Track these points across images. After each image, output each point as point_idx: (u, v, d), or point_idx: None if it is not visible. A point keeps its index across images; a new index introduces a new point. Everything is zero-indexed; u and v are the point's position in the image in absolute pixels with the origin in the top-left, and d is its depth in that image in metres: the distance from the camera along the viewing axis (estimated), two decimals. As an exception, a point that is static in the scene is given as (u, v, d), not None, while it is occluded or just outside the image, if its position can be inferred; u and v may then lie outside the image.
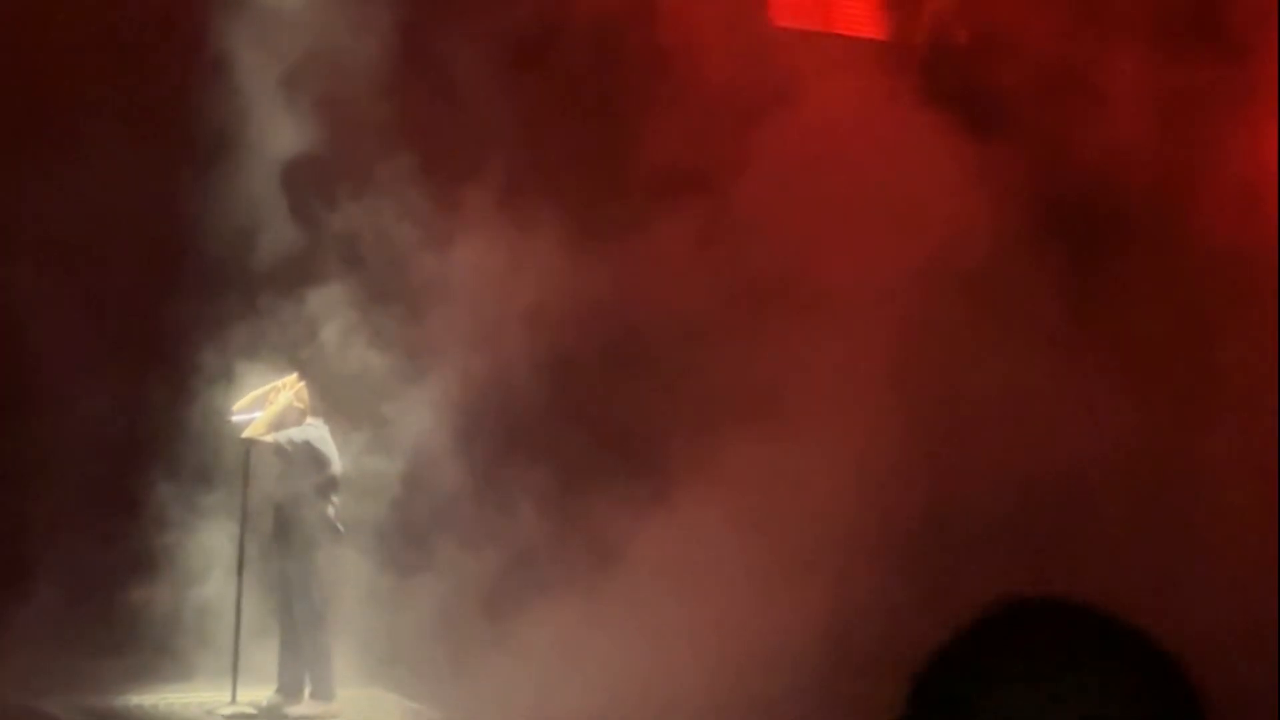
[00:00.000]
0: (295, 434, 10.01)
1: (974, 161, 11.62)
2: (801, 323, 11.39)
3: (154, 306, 11.14)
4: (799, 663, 10.21)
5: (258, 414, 10.03)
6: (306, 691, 10.14)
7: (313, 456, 10.03)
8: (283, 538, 10.04)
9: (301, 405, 10.10)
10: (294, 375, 10.20)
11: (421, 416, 11.08)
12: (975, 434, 11.24)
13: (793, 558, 10.83)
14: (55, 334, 10.85)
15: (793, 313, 11.47)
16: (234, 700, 10.19)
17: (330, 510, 10.10)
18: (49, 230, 11.00)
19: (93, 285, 11.11)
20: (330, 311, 10.97)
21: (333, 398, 10.57)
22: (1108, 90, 12.11)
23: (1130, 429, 11.32)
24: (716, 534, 10.95)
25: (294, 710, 10.11)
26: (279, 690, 10.14)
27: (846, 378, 11.29)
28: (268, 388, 10.16)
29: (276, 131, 10.98)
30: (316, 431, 10.11)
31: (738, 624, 10.64)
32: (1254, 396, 11.31)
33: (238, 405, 10.21)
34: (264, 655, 10.26)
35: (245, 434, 10.03)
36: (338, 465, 10.16)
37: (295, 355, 10.66)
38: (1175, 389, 11.59)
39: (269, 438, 10.01)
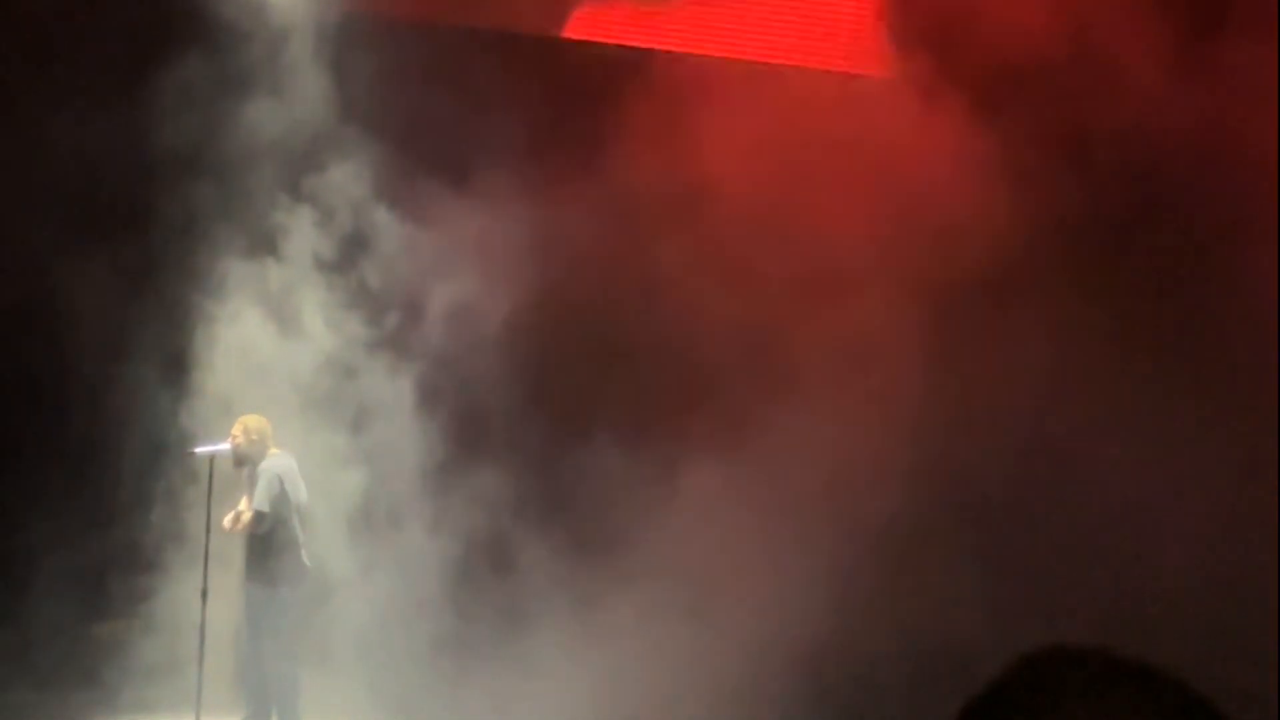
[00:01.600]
0: (269, 485, 9.69)
1: (990, 147, 11.24)
2: (809, 318, 11.10)
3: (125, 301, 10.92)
4: (802, 670, 9.96)
5: (222, 446, 9.72)
6: (272, 721, 9.91)
7: (281, 490, 9.75)
8: (251, 569, 9.77)
9: (261, 439, 9.81)
10: (255, 415, 9.87)
11: (409, 417, 10.85)
12: (985, 431, 10.90)
13: (795, 559, 10.62)
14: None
15: (802, 305, 11.16)
16: (197, 730, 9.93)
17: (299, 539, 9.82)
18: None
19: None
20: (316, 298, 10.75)
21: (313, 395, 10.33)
22: (1125, 73, 11.70)
23: (1137, 424, 10.94)
24: (718, 535, 10.67)
25: (259, 740, 9.88)
26: (244, 720, 9.92)
27: (853, 378, 10.98)
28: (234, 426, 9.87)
29: (256, 115, 10.69)
30: (282, 462, 9.82)
31: (740, 631, 10.39)
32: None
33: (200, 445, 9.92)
34: (230, 686, 10.02)
35: (226, 525, 9.67)
36: (304, 494, 9.90)
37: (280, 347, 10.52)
38: (1192, 386, 11.14)
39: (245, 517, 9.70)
